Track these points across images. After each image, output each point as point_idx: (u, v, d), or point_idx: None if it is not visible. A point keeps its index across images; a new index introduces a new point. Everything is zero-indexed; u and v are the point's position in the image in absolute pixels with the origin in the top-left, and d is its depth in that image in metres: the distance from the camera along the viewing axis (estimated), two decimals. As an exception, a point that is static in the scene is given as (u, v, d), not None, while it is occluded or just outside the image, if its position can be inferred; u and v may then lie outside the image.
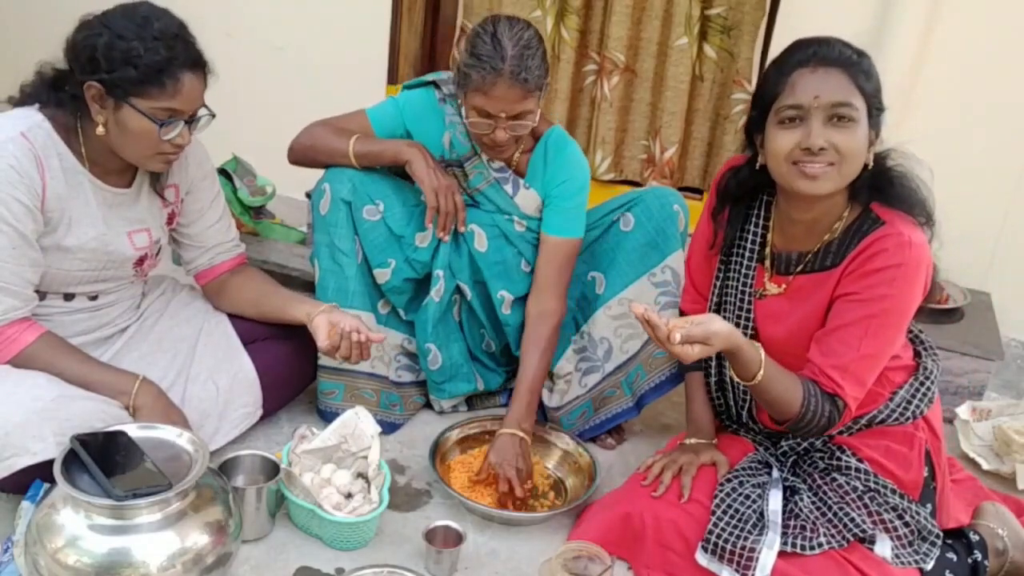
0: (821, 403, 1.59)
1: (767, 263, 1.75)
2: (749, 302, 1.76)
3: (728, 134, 2.89)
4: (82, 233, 1.74)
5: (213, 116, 1.74)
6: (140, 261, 1.88)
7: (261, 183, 2.94)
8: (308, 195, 2.13)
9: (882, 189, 1.61)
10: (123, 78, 1.61)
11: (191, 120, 1.71)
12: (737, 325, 1.74)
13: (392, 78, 3.19)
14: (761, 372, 1.56)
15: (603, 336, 2.15)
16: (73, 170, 1.72)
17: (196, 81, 1.69)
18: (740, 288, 1.77)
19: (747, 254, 1.77)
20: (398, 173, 2.10)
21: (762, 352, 1.58)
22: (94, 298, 1.85)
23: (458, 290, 2.18)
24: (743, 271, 1.77)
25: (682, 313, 2.01)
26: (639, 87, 2.95)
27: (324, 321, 1.88)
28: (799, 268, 1.70)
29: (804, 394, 1.59)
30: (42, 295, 1.76)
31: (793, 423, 1.62)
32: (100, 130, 1.67)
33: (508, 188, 2.10)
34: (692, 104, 2.94)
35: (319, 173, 2.08)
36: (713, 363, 1.88)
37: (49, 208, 1.68)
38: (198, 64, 1.69)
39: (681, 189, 2.92)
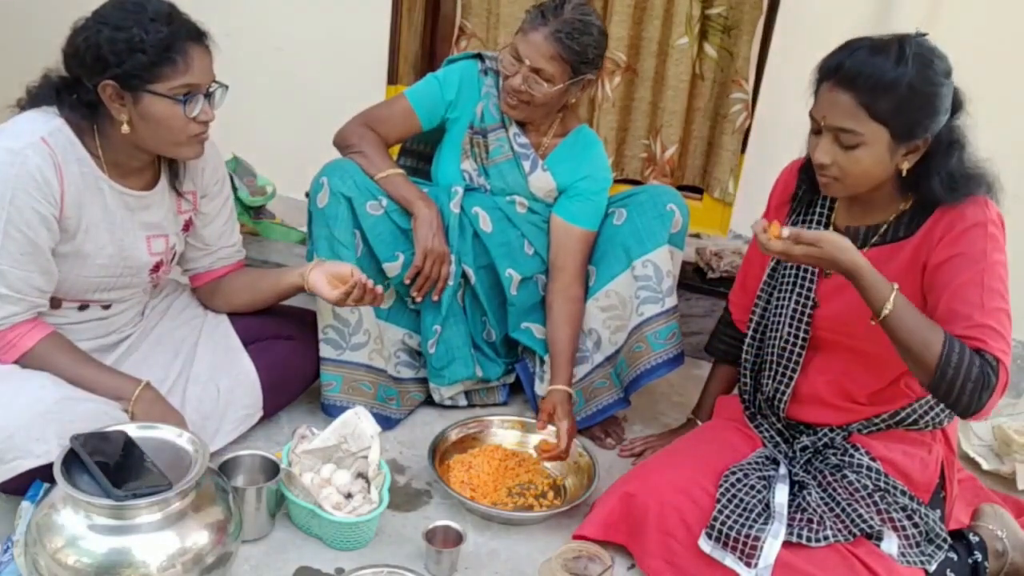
0: (967, 354, 1.47)
1: None
2: (812, 280, 1.75)
3: (727, 133, 2.88)
4: (100, 238, 1.74)
5: (226, 87, 1.74)
6: (156, 268, 1.87)
7: (261, 183, 2.94)
8: (308, 195, 2.13)
9: (939, 176, 1.59)
10: (135, 66, 1.61)
11: (208, 95, 1.72)
12: (796, 304, 1.75)
13: (392, 78, 3.19)
14: (891, 303, 1.48)
15: (592, 327, 2.17)
16: (92, 175, 1.71)
17: (203, 52, 1.70)
18: (802, 267, 1.76)
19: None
20: (413, 172, 2.13)
21: (895, 286, 1.50)
22: (107, 307, 1.85)
23: (462, 275, 2.19)
24: None
25: (731, 316, 2.04)
26: (640, 86, 2.95)
27: (320, 276, 1.91)
28: (873, 241, 1.69)
29: (945, 338, 1.48)
30: (56, 303, 1.76)
31: (937, 377, 1.47)
32: (125, 128, 1.66)
33: (526, 164, 2.16)
34: (692, 103, 2.94)
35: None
36: (751, 346, 1.87)
37: (67, 215, 1.68)
38: (201, 35, 1.71)
39: (681, 188, 2.92)
